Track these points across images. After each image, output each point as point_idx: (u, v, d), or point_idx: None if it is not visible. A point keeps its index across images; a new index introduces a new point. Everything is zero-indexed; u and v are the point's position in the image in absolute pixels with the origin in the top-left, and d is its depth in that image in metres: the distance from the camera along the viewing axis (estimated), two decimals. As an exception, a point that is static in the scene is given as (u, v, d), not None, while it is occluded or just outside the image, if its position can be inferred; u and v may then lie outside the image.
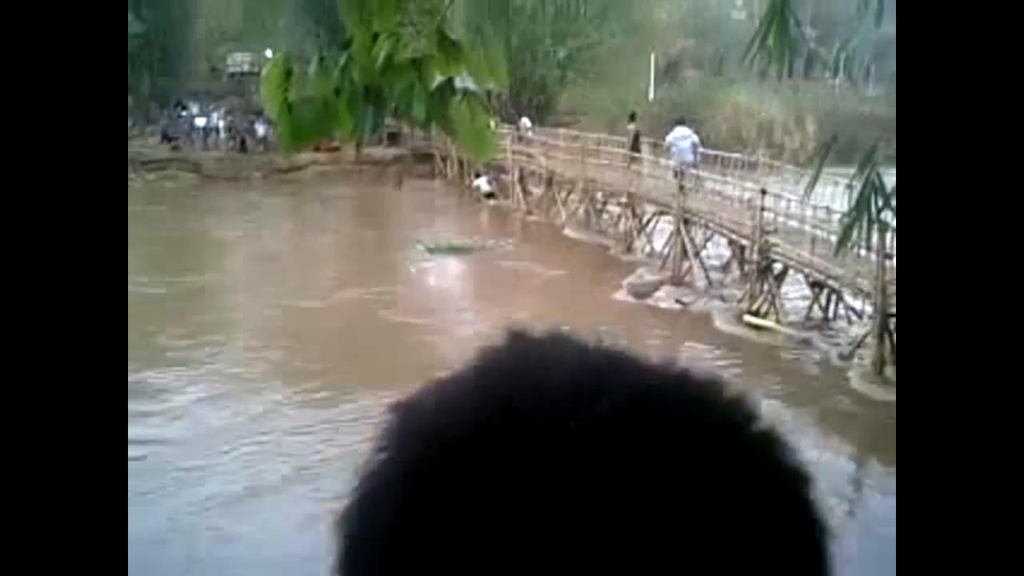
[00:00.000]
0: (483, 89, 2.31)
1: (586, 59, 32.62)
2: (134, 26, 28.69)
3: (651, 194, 17.59)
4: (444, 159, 28.87)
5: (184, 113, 31.06)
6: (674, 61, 37.20)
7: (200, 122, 30.70)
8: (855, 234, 4.14)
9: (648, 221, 18.42)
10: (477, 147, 2.27)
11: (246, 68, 32.07)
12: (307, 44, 25.96)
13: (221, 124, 30.92)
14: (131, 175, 27.40)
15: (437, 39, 2.19)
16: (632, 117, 20.70)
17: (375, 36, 2.18)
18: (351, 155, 28.38)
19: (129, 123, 29.66)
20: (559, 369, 0.45)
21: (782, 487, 0.45)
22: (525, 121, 25.73)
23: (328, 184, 27.53)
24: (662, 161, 17.90)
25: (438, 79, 2.20)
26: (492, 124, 2.36)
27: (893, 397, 10.02)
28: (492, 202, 24.94)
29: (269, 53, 31.96)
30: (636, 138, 19.68)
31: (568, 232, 20.28)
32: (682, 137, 17.11)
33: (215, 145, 30.48)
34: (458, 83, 2.21)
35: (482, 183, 25.26)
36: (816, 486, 0.46)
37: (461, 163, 26.84)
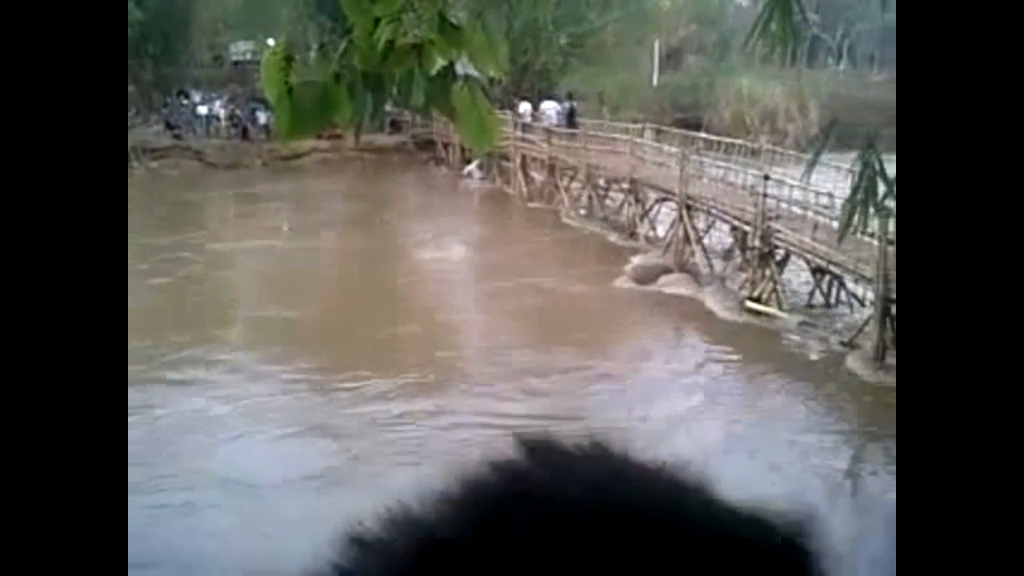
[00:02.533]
0: (484, 75, 2.31)
1: (589, 45, 32.46)
2: (135, 14, 28.68)
3: (654, 180, 17.58)
4: (446, 146, 28.79)
5: (186, 101, 31.03)
6: (677, 48, 37.03)
7: (202, 110, 30.67)
8: (856, 219, 4.15)
9: (651, 207, 18.40)
10: (478, 134, 2.27)
11: (248, 56, 32.00)
12: (310, 33, 25.86)
13: (223, 112, 30.87)
14: (134, 163, 27.43)
15: (438, 23, 2.19)
16: (570, 96, 25.32)
17: (376, 21, 2.18)
18: (350, 143, 28.33)
19: (132, 111, 29.65)
20: (578, 525, 0.35)
21: None
22: (525, 106, 25.53)
23: (336, 172, 27.44)
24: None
25: (439, 64, 2.20)
26: (494, 111, 2.36)
27: (891, 380, 10.05)
28: (476, 185, 25.54)
29: (271, 42, 31.84)
30: (572, 113, 23.87)
31: (569, 219, 20.28)
32: (550, 107, 24.11)
33: (217, 133, 30.45)
34: (459, 69, 2.21)
35: (474, 169, 25.61)
36: None
37: (463, 150, 26.79)
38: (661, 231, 17.45)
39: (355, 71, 2.21)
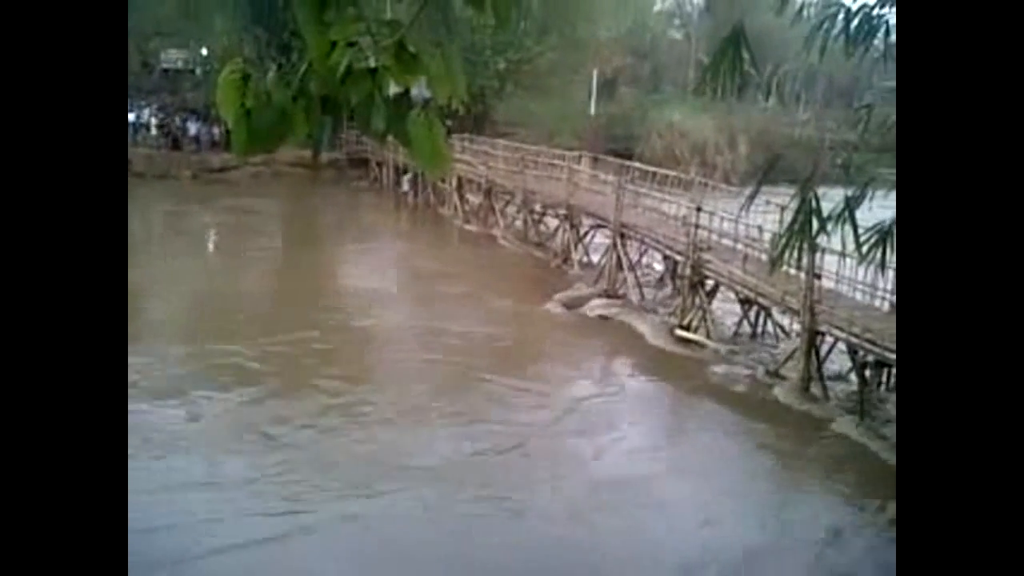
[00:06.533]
0: (438, 101, 2.32)
1: (526, 72, 32.81)
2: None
3: (590, 207, 17.80)
4: (380, 165, 28.71)
5: (113, 107, 30.22)
6: (612, 78, 37.70)
7: (130, 117, 29.91)
8: (788, 254, 4.27)
9: (586, 234, 18.61)
10: (432, 161, 2.26)
11: (180, 65, 31.36)
12: (245, 44, 25.52)
13: (153, 121, 30.17)
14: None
15: (395, 50, 2.19)
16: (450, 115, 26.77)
17: (332, 45, 2.18)
18: (283, 157, 28.07)
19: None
20: None
21: None
22: None
23: (268, 187, 27.05)
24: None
25: (393, 90, 2.20)
26: (447, 138, 2.37)
27: (818, 411, 10.33)
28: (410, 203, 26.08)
29: (204, 51, 31.31)
30: (448, 133, 27.58)
31: (505, 242, 20.37)
32: None
33: (144, 142, 29.72)
34: (415, 94, 2.22)
35: (404, 182, 26.60)
36: None
37: (396, 169, 26.85)
38: (595, 257, 17.67)
39: (312, 94, 2.20)
